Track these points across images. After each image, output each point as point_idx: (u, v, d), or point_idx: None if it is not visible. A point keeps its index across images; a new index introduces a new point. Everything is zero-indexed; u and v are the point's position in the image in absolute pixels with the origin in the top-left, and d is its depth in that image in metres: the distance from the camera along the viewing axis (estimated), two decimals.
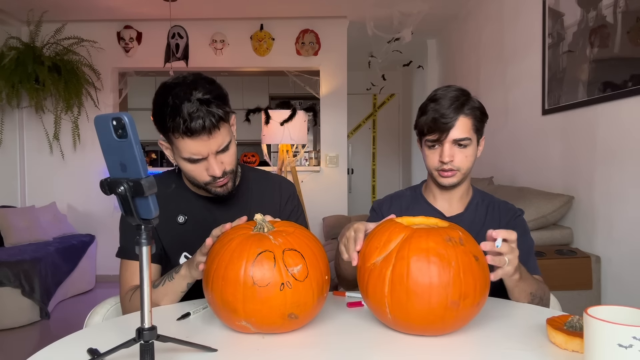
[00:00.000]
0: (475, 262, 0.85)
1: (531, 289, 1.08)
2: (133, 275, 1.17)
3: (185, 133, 1.05)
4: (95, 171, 4.54)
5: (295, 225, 0.98)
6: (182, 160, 1.11)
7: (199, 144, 1.07)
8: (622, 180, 2.10)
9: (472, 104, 1.20)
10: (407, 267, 0.84)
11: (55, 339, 0.88)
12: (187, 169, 1.13)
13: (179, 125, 1.04)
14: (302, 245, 0.91)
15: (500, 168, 3.41)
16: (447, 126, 1.17)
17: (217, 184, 1.14)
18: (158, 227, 1.20)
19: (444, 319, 0.84)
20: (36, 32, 4.15)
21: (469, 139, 1.19)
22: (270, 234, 0.91)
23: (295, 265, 0.87)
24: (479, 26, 3.85)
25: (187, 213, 1.23)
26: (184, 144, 1.07)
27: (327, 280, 0.93)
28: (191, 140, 1.06)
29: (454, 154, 1.19)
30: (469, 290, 0.84)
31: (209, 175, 1.12)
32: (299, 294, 0.86)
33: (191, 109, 1.03)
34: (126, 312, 1.15)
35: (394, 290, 0.85)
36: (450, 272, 0.83)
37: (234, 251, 0.88)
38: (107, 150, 0.70)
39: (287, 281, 0.85)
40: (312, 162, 5.66)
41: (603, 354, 0.65)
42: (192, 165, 1.11)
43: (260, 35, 4.54)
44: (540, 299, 1.11)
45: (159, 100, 1.08)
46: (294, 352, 0.83)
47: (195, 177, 1.14)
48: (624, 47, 2.05)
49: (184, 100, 1.04)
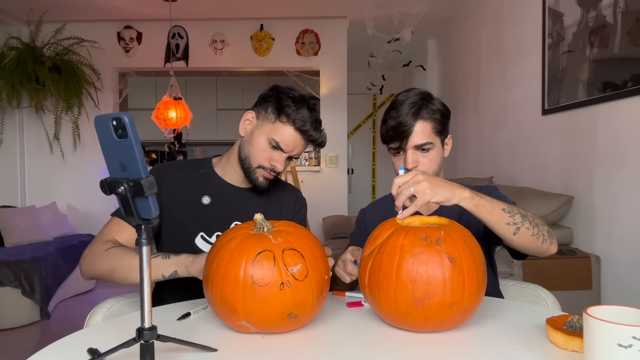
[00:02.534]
0: (449, 262, 0.85)
1: (501, 205, 1.02)
2: (122, 230, 1.17)
3: (301, 128, 1.19)
4: (95, 171, 4.54)
5: (295, 225, 0.98)
6: (266, 139, 1.21)
7: (297, 142, 1.21)
8: (622, 180, 2.10)
9: (431, 107, 1.21)
10: (380, 262, 0.90)
11: (55, 339, 0.88)
12: (260, 147, 1.22)
13: (300, 119, 1.19)
14: (302, 244, 0.90)
15: (500, 168, 3.41)
16: (405, 133, 1.18)
17: (266, 174, 1.24)
18: (181, 204, 1.26)
19: (410, 315, 0.86)
20: (36, 32, 4.15)
21: (430, 143, 1.20)
22: (270, 234, 0.91)
23: (295, 265, 0.86)
24: (479, 26, 3.85)
25: (212, 195, 1.28)
26: (288, 132, 1.20)
27: (326, 280, 0.93)
28: (297, 136, 1.21)
29: (417, 160, 1.20)
30: (436, 290, 0.84)
31: (271, 164, 1.22)
32: (298, 294, 0.86)
33: (313, 119, 1.21)
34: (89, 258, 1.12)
35: (371, 282, 0.92)
36: (415, 270, 0.85)
37: (234, 251, 0.88)
38: (107, 150, 0.70)
39: (286, 280, 0.85)
40: (312, 162, 5.65)
41: (603, 353, 0.65)
42: (269, 148, 1.21)
43: (260, 36, 4.54)
44: (523, 216, 1.03)
45: (287, 91, 1.23)
46: (294, 352, 0.83)
47: (257, 157, 1.22)
48: (624, 47, 2.05)
49: (311, 110, 1.22)
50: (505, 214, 1.01)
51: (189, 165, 1.33)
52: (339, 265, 1.14)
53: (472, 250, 0.89)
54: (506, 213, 1.01)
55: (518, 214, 1.02)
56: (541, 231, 1.04)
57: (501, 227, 1.01)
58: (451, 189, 0.98)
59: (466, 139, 4.17)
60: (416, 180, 0.97)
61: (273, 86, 1.27)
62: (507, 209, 1.02)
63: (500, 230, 1.01)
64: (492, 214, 1.00)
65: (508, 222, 1.01)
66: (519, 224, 1.01)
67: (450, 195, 0.97)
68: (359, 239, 1.36)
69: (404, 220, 0.99)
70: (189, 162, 1.35)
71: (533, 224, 1.03)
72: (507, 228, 1.01)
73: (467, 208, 0.99)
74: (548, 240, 1.05)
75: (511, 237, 1.02)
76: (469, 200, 0.98)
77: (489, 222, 1.01)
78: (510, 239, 1.03)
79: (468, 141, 4.14)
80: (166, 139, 5.78)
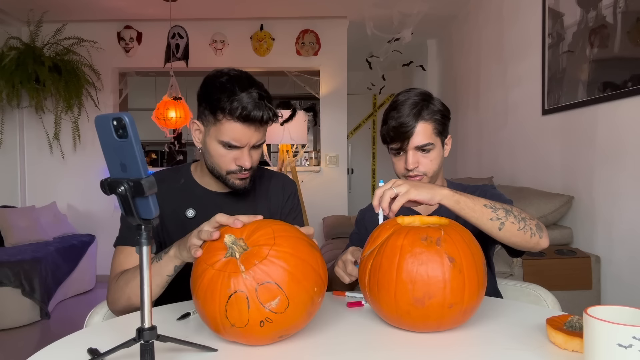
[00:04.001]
0: (449, 263, 0.85)
1: (483, 202, 1.02)
2: (127, 257, 1.16)
3: (239, 118, 1.09)
4: (95, 171, 4.54)
5: (274, 230, 0.88)
6: (217, 143, 1.13)
7: (246, 132, 1.11)
8: (622, 180, 2.10)
9: (432, 107, 1.21)
10: (380, 262, 0.89)
11: (55, 339, 0.88)
12: (218, 153, 1.15)
13: (236, 109, 1.08)
14: (280, 266, 0.81)
15: (500, 168, 3.41)
16: (407, 134, 1.19)
17: (239, 176, 1.17)
18: (166, 220, 1.22)
19: (410, 315, 0.86)
20: (36, 32, 4.15)
21: (431, 144, 1.20)
22: (242, 263, 0.81)
23: (273, 299, 0.79)
24: (479, 26, 3.85)
25: (196, 207, 1.24)
26: (232, 127, 1.10)
27: (316, 292, 0.85)
28: (241, 126, 1.10)
29: (418, 160, 1.21)
30: (436, 290, 0.84)
31: (237, 164, 1.15)
32: (283, 324, 0.81)
33: (250, 98, 1.09)
34: (110, 296, 1.11)
35: (371, 282, 0.91)
36: (415, 270, 0.85)
37: (207, 291, 0.82)
38: (107, 150, 0.70)
39: (266, 318, 0.79)
40: (312, 162, 5.66)
41: (603, 353, 0.65)
42: (225, 150, 1.14)
43: (260, 36, 4.54)
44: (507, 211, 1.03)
45: (214, 81, 1.12)
46: (294, 352, 0.83)
47: (221, 164, 1.16)
48: (624, 47, 2.05)
49: (244, 88, 1.09)
50: (488, 209, 1.02)
51: (169, 176, 1.28)
52: (339, 265, 1.14)
53: (472, 250, 0.89)
54: (488, 209, 1.02)
55: (501, 209, 1.03)
56: (528, 225, 1.04)
57: (485, 223, 1.02)
58: (431, 187, 1.01)
59: (466, 139, 4.17)
60: (396, 184, 1.00)
61: (203, 80, 1.16)
62: (489, 204, 1.03)
63: (485, 226, 1.02)
64: (474, 210, 1.01)
65: (491, 217, 1.02)
66: (502, 218, 1.02)
67: (431, 193, 1.00)
68: (358, 240, 1.36)
69: (404, 220, 0.99)
70: (168, 173, 1.29)
71: (518, 219, 1.04)
72: (491, 224, 1.02)
73: (448, 206, 1.01)
74: (537, 234, 1.05)
75: (497, 233, 1.03)
76: (450, 197, 1.00)
77: (471, 219, 1.02)
78: (497, 235, 1.03)
79: (468, 141, 4.14)
80: (166, 139, 5.78)
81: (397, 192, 0.99)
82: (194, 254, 0.88)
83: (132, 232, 0.79)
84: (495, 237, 1.05)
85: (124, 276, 1.10)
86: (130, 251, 1.16)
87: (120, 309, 1.10)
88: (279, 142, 3.93)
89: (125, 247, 1.17)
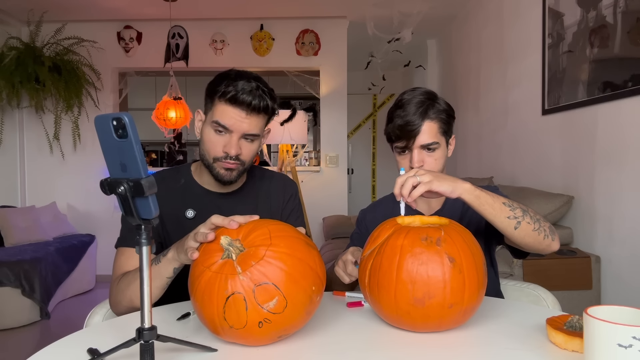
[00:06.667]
0: (449, 263, 0.85)
1: (502, 199, 1.02)
2: (128, 259, 1.16)
3: (230, 100, 1.11)
4: (95, 171, 4.54)
5: (270, 230, 0.87)
6: (209, 126, 1.15)
7: (235, 114, 1.12)
8: (622, 180, 2.10)
9: (438, 107, 1.21)
10: (380, 262, 0.89)
11: (55, 339, 0.88)
12: (209, 138, 1.16)
13: (229, 91, 1.11)
14: (277, 266, 0.81)
15: (500, 168, 3.41)
16: (413, 133, 1.18)
17: (225, 164, 1.16)
18: (166, 221, 1.22)
19: (410, 315, 0.86)
20: (36, 32, 4.15)
21: (436, 143, 1.20)
22: (239, 264, 0.81)
23: (270, 300, 0.79)
24: (479, 26, 3.85)
25: (196, 208, 1.24)
26: (222, 108, 1.13)
27: (315, 291, 0.85)
28: (231, 108, 1.12)
29: (423, 159, 1.20)
30: (436, 290, 0.84)
31: (223, 151, 1.15)
32: (281, 323, 0.81)
33: (247, 86, 1.12)
34: (112, 298, 1.11)
35: (371, 282, 0.91)
36: (415, 270, 0.85)
37: (204, 294, 0.82)
38: (107, 150, 0.70)
39: (264, 319, 0.79)
40: (312, 162, 5.66)
41: (603, 353, 0.65)
42: (216, 137, 1.15)
43: (260, 35, 4.54)
44: (524, 211, 1.03)
45: (222, 74, 1.16)
46: (293, 352, 0.83)
47: (210, 150, 1.16)
48: (624, 47, 2.05)
49: (245, 78, 1.13)
50: (506, 207, 1.01)
51: (169, 176, 1.28)
52: (339, 265, 1.14)
53: (472, 250, 0.89)
54: (507, 207, 1.01)
55: (519, 209, 1.02)
56: (542, 227, 1.04)
57: (502, 221, 1.01)
58: (453, 180, 0.99)
59: (466, 139, 4.17)
60: (420, 173, 0.98)
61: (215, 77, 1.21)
62: (507, 202, 1.02)
63: (501, 224, 1.01)
64: (493, 207, 1.00)
65: (509, 215, 1.01)
66: (519, 218, 1.01)
67: (453, 186, 0.98)
68: (359, 239, 1.36)
69: (404, 220, 0.99)
70: (168, 173, 1.29)
71: (534, 219, 1.03)
72: (508, 222, 1.01)
73: (468, 200, 0.99)
74: (550, 237, 1.05)
75: (512, 232, 1.02)
76: (471, 192, 0.99)
77: (489, 216, 1.01)
78: (512, 234, 1.02)
79: (468, 141, 4.14)
80: (166, 139, 5.78)
81: (420, 180, 0.97)
82: (190, 256, 0.88)
83: (132, 233, 0.79)
84: (508, 236, 1.04)
85: (125, 278, 1.10)
86: (131, 252, 1.16)
87: (122, 311, 1.10)
88: (279, 142, 3.93)
89: (126, 249, 1.18)
